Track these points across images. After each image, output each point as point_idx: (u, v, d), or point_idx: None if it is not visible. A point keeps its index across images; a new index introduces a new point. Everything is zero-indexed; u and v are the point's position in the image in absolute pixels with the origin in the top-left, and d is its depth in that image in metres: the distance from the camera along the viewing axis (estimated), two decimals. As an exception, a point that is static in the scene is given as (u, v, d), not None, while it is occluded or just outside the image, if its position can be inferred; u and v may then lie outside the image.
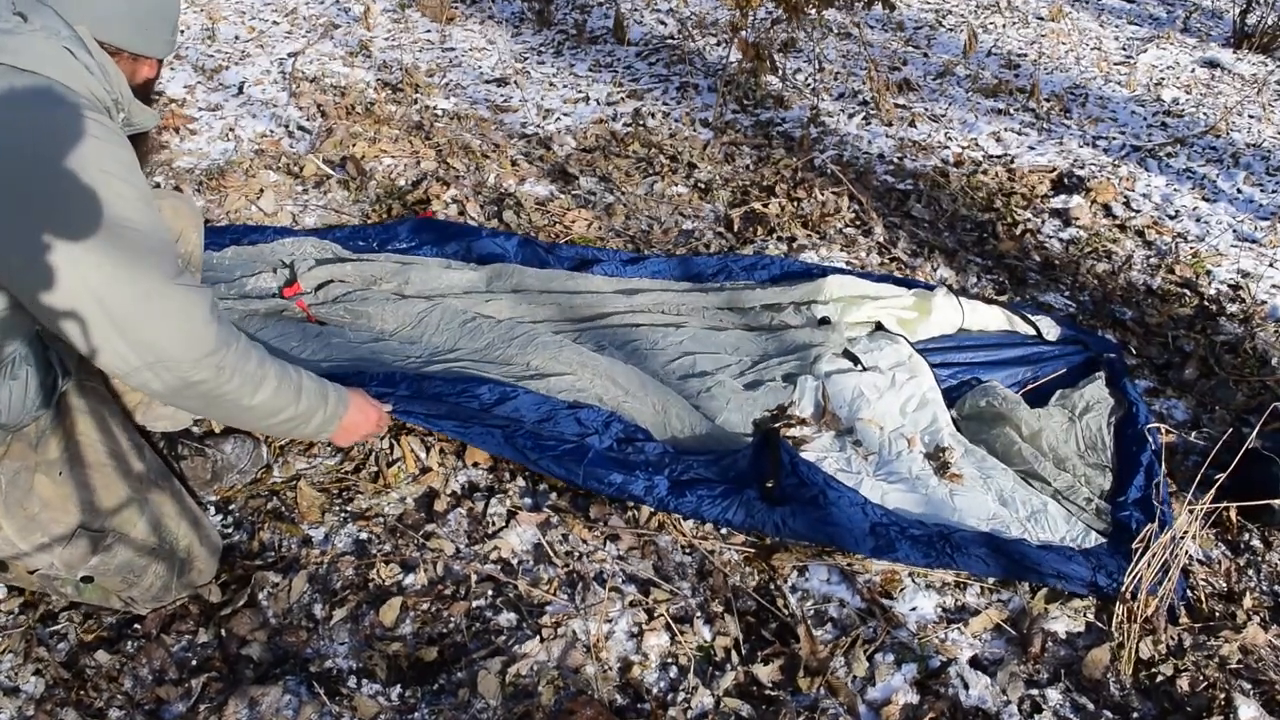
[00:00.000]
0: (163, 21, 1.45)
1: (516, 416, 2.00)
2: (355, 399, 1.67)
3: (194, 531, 1.64)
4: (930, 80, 4.38)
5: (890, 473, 2.05)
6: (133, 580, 1.58)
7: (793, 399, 2.20)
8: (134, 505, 1.54)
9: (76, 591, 1.62)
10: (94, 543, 1.50)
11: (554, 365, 2.15)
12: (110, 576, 1.55)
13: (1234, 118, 4.14)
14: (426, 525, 1.89)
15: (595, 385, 2.11)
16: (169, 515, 1.60)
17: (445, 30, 4.70)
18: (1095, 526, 1.95)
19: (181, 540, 1.61)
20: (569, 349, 2.19)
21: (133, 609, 1.64)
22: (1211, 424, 2.34)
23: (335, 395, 1.60)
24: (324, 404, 1.57)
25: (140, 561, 1.56)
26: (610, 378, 2.13)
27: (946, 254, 3.00)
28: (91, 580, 1.56)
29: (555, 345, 2.20)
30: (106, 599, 1.62)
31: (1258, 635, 1.74)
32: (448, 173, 3.26)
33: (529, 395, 2.03)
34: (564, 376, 2.13)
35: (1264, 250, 3.11)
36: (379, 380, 2.03)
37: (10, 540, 1.45)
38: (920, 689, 1.62)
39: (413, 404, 1.97)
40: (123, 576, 1.56)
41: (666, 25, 4.95)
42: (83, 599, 1.63)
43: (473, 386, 2.04)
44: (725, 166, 3.50)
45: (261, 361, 1.44)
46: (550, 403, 2.03)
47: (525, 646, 1.63)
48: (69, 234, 1.22)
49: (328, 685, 1.56)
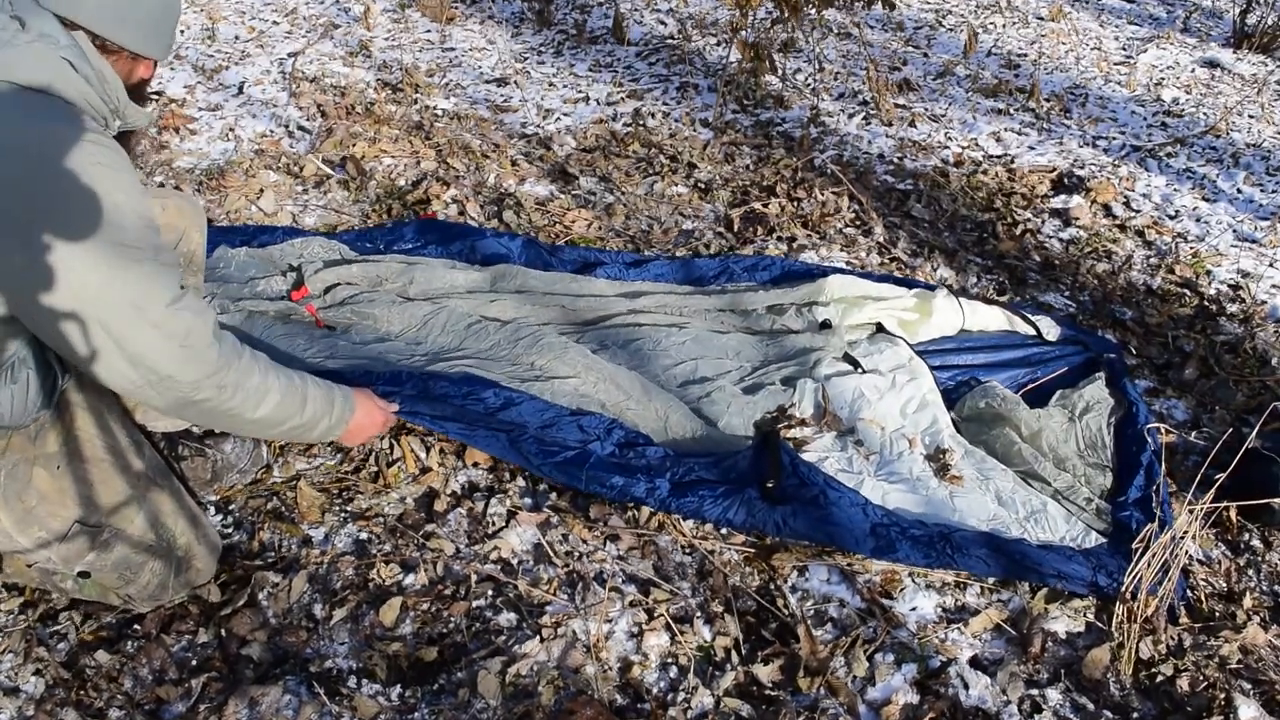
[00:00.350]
0: (164, 22, 1.45)
1: (520, 421, 2.00)
2: (362, 400, 1.68)
3: (192, 530, 1.64)
4: (930, 80, 4.38)
5: (891, 473, 2.05)
6: (129, 577, 1.58)
7: (793, 401, 2.20)
8: (132, 502, 1.55)
9: (76, 586, 1.62)
10: (91, 538, 1.50)
11: (559, 367, 2.16)
12: (107, 573, 1.55)
13: (1234, 118, 4.14)
14: (426, 525, 1.89)
15: (599, 390, 2.12)
16: (167, 513, 1.60)
17: (445, 30, 4.70)
18: (1095, 526, 1.95)
19: (180, 539, 1.61)
20: (574, 350, 2.20)
21: (131, 606, 1.64)
22: (1211, 424, 2.34)
23: (341, 399, 1.61)
24: (330, 409, 1.58)
25: (137, 559, 1.56)
26: (614, 382, 2.13)
27: (946, 254, 3.00)
28: (89, 576, 1.56)
29: (560, 346, 2.21)
30: (105, 595, 1.62)
31: (1258, 635, 1.74)
32: (448, 173, 3.26)
33: (533, 402, 2.04)
34: (568, 380, 2.13)
35: (1264, 250, 3.11)
36: (385, 379, 2.03)
37: (8, 533, 1.46)
38: (920, 689, 1.62)
39: (418, 404, 1.97)
40: (119, 573, 1.56)
41: (666, 25, 4.95)
42: (82, 594, 1.63)
43: (478, 389, 2.04)
44: (725, 166, 3.50)
45: (265, 375, 1.44)
46: (554, 409, 2.04)
47: (525, 646, 1.63)
48: (66, 263, 1.22)
49: (328, 685, 1.56)
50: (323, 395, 1.56)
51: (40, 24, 1.29)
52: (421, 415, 1.95)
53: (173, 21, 1.47)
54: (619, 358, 2.29)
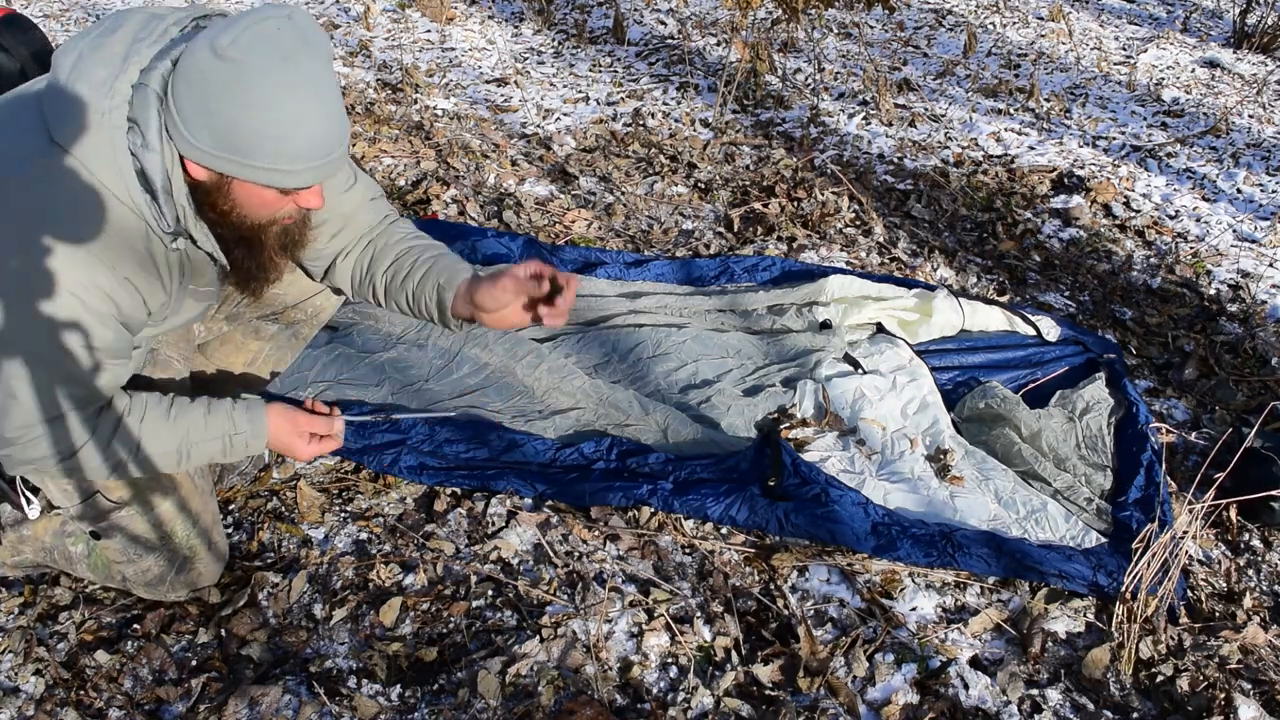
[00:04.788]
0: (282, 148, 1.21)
1: (525, 460, 2.03)
2: (273, 418, 1.52)
3: (203, 533, 1.65)
4: (930, 80, 4.38)
5: (893, 473, 2.05)
6: (133, 557, 1.60)
7: (793, 402, 2.20)
8: (158, 489, 1.56)
9: (85, 552, 1.64)
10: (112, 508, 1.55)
11: (560, 399, 2.19)
12: (114, 547, 1.58)
13: (1234, 118, 4.14)
14: (426, 525, 1.89)
15: (600, 418, 2.15)
16: (186, 508, 1.61)
17: (445, 30, 4.70)
18: (1095, 526, 1.95)
19: (192, 538, 1.63)
20: (573, 378, 2.22)
21: (128, 589, 1.66)
22: (1211, 424, 2.34)
23: (244, 427, 1.49)
24: (226, 447, 1.48)
25: (148, 539, 1.58)
26: (613, 405, 2.17)
27: (946, 254, 3.00)
28: (99, 538, 1.59)
29: (560, 372, 2.22)
30: (108, 569, 1.64)
31: (1258, 635, 1.73)
32: (448, 173, 3.26)
33: (535, 442, 2.05)
34: (569, 413, 2.16)
35: (1264, 250, 3.11)
36: (392, 427, 2.06)
37: (52, 495, 1.53)
38: (920, 689, 1.62)
39: (426, 459, 2.00)
40: (124, 548, 1.58)
41: (666, 25, 4.96)
42: (85, 565, 1.65)
43: (483, 432, 2.06)
44: (725, 166, 3.50)
45: (118, 447, 1.39)
46: (555, 443, 2.06)
47: (525, 646, 1.63)
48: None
49: (328, 685, 1.56)
50: (212, 438, 1.46)
51: (146, 109, 1.20)
52: (430, 470, 1.99)
53: (298, 150, 1.22)
54: (619, 365, 2.30)
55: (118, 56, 1.20)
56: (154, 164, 1.22)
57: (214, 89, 1.15)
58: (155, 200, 1.25)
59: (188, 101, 1.17)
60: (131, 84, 1.19)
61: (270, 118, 1.17)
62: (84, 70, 1.20)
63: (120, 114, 1.19)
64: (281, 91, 1.16)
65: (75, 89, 1.19)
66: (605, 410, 2.16)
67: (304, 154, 1.22)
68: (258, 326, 1.83)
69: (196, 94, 1.17)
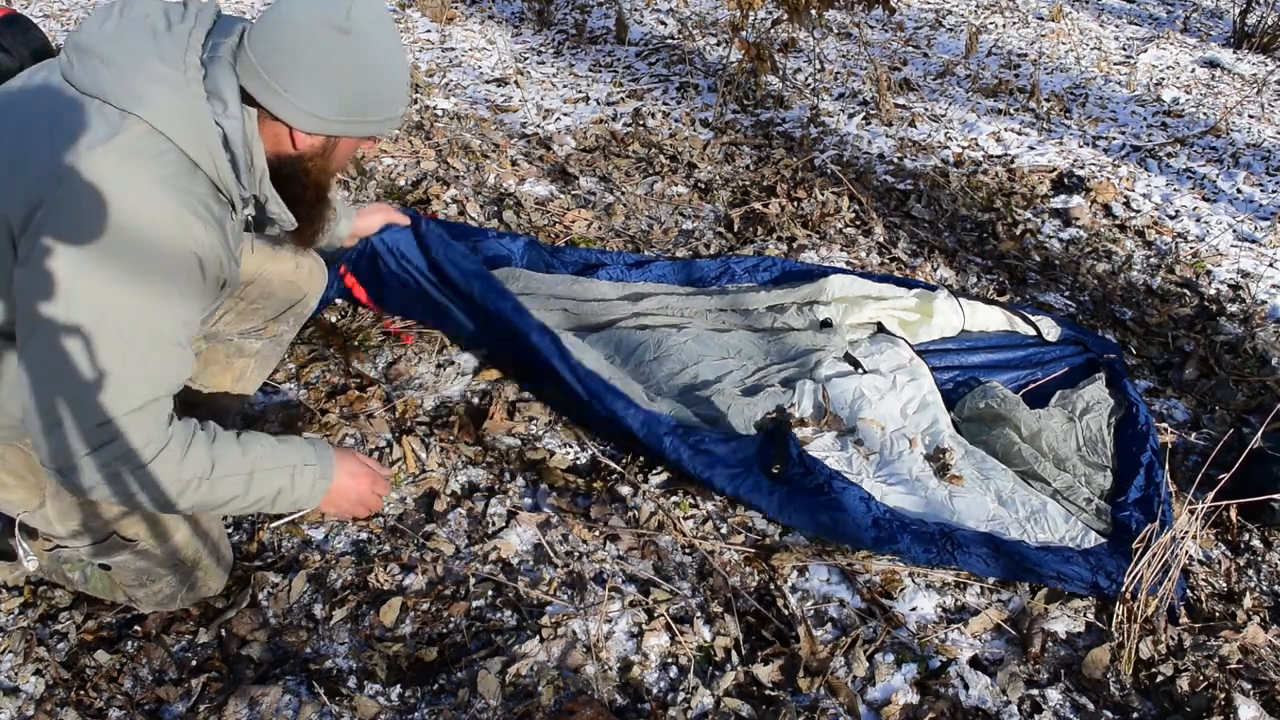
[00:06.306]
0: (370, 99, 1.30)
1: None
2: (343, 464, 1.49)
3: (212, 548, 1.65)
4: (930, 80, 4.38)
5: (891, 473, 2.05)
6: (145, 582, 1.60)
7: (792, 402, 2.20)
8: (169, 520, 1.55)
9: (83, 579, 1.63)
10: (126, 545, 1.52)
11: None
12: (126, 572, 1.58)
13: (1234, 118, 4.14)
14: (426, 525, 1.89)
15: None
16: (195, 533, 1.61)
17: (445, 30, 4.70)
18: (1095, 526, 1.95)
19: (201, 559, 1.63)
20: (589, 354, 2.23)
21: (134, 605, 1.65)
22: (1211, 424, 2.34)
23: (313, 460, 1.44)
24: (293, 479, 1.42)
25: (159, 570, 1.58)
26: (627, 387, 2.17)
27: (946, 254, 3.00)
28: (108, 569, 1.58)
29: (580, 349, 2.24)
30: (112, 591, 1.63)
31: (1258, 635, 1.74)
32: (448, 173, 3.26)
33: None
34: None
35: (1264, 250, 3.11)
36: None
37: (49, 520, 1.48)
38: (920, 689, 1.62)
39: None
40: (137, 575, 1.58)
41: (666, 25, 4.95)
42: (87, 588, 1.64)
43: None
44: (725, 166, 3.50)
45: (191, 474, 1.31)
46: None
47: (525, 646, 1.63)
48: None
49: (328, 685, 1.56)
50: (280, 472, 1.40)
51: (222, 80, 1.22)
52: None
53: (382, 95, 1.31)
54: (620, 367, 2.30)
55: (165, 32, 1.21)
56: (235, 131, 1.24)
57: (341, 61, 1.23)
58: (235, 166, 1.27)
59: (306, 78, 1.23)
60: (200, 58, 1.21)
61: (387, 76, 1.29)
62: (136, 47, 1.19)
63: (198, 85, 1.21)
64: (393, 50, 1.28)
65: (139, 63, 1.18)
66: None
67: (404, 98, 1.34)
68: (241, 345, 1.84)
69: (321, 68, 1.22)
